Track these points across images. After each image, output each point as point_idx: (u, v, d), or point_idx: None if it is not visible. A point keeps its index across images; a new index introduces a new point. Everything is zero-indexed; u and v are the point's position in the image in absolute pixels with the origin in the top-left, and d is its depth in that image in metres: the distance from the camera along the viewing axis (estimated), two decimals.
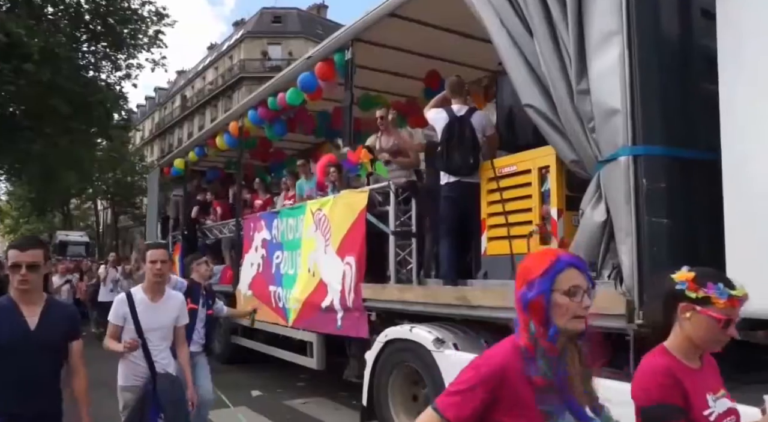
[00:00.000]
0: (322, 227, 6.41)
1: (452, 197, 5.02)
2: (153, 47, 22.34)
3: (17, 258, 2.73)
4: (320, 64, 6.58)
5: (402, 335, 5.03)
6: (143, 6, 21.59)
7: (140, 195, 41.50)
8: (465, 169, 4.93)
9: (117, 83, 22.41)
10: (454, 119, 5.07)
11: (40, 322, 2.79)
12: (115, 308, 3.91)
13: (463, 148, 4.96)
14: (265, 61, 42.56)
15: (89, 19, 21.05)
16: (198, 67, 51.06)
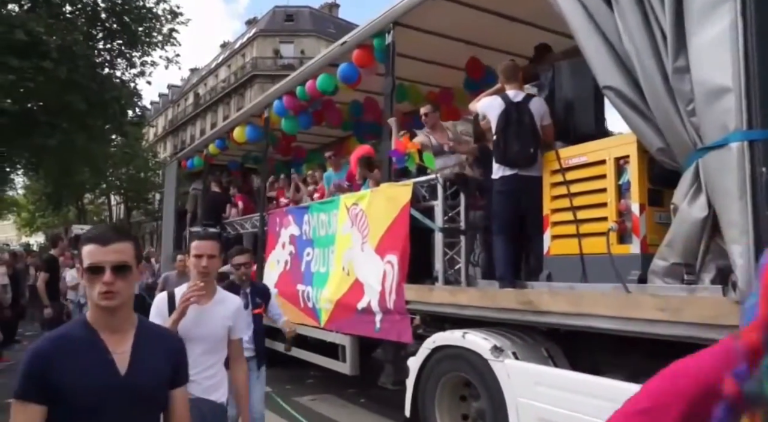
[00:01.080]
0: (358, 223, 5.89)
1: (508, 192, 4.50)
2: (167, 45, 22.58)
3: (97, 258, 1.78)
4: (358, 50, 6.06)
5: (453, 341, 4.51)
6: (158, 4, 21.71)
7: (153, 191, 41.33)
8: (524, 160, 4.40)
9: (131, 80, 22.56)
10: (510, 105, 4.54)
11: (133, 361, 1.82)
12: (155, 310, 3.14)
13: (521, 137, 4.43)
14: (278, 59, 42.17)
15: (105, 17, 21.20)
16: (211, 64, 50.66)
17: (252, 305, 4.47)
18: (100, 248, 1.78)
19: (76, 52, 17.81)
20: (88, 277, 1.78)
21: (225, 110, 44.03)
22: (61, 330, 1.86)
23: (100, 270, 1.76)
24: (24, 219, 48.72)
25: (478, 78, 6.49)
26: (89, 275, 1.77)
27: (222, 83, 46.33)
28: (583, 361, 4.18)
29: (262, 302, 4.60)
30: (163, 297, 3.21)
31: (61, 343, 1.77)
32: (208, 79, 49.51)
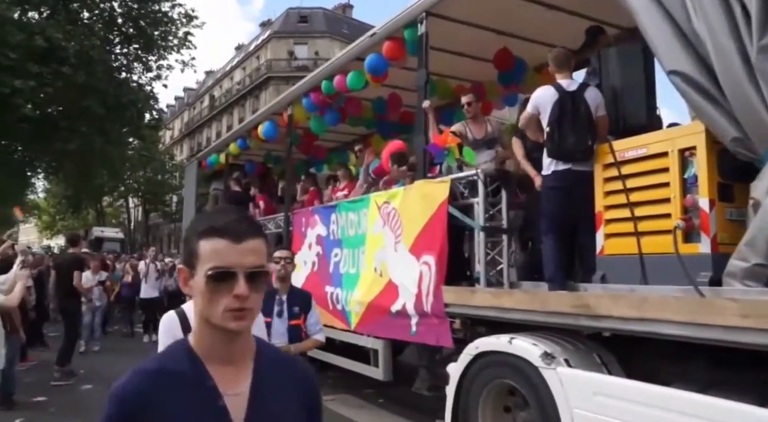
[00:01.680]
0: (391, 222, 5.59)
1: (561, 188, 4.18)
2: (182, 48, 22.96)
3: (229, 259, 1.25)
4: (388, 42, 5.75)
5: (498, 347, 4.18)
6: (173, 8, 21.92)
7: (170, 193, 41.37)
8: (580, 154, 4.08)
9: (148, 84, 23.02)
10: (565, 95, 4.22)
11: (252, 408, 1.30)
12: (166, 332, 2.50)
13: (577, 129, 4.11)
14: (292, 61, 42.02)
15: (122, 22, 21.55)
16: (226, 67, 50.63)
17: (288, 315, 3.92)
18: (233, 245, 1.23)
19: (93, 57, 18.09)
20: (210, 286, 1.23)
21: (240, 112, 43.95)
22: (156, 362, 1.33)
23: (230, 277, 1.23)
24: (45, 222, 49.03)
25: (507, 69, 6.15)
26: (213, 284, 1.23)
27: (237, 86, 46.26)
28: (637, 368, 3.86)
29: (302, 311, 4.02)
30: (172, 318, 2.54)
31: (157, 381, 1.28)
32: (224, 81, 49.47)
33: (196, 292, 1.28)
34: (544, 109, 4.28)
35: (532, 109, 4.38)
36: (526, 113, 4.46)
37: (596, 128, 4.19)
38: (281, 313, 3.88)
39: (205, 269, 1.24)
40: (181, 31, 22.63)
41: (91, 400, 7.41)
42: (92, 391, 8.00)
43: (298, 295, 4.09)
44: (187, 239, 1.31)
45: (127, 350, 11.24)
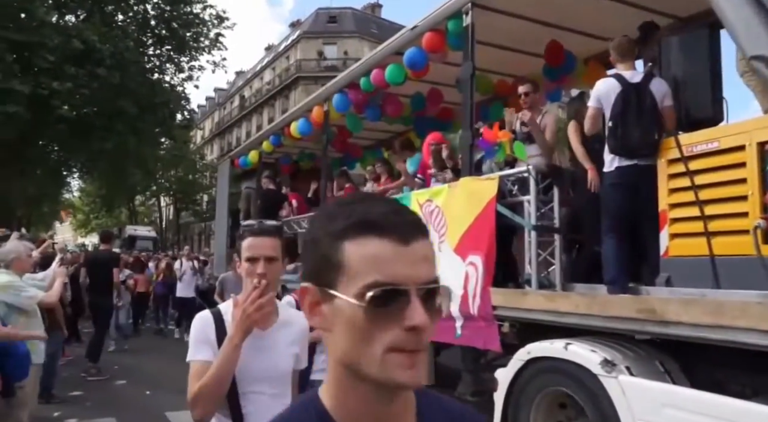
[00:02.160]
0: (433, 221, 5.36)
1: (625, 185, 3.92)
2: (213, 49, 23.14)
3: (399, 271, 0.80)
4: (429, 34, 5.52)
5: (552, 353, 3.94)
6: (204, 10, 22.12)
7: (200, 192, 41.71)
8: (645, 149, 3.81)
9: (180, 85, 23.23)
10: (629, 87, 3.96)
11: None
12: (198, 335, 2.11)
13: (642, 122, 3.85)
14: (321, 61, 42.01)
15: (155, 24, 21.84)
16: (256, 67, 50.88)
17: None
18: (400, 249, 0.81)
19: (127, 58, 18.34)
20: (368, 315, 0.78)
21: (270, 111, 44.11)
22: None
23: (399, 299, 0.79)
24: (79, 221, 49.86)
25: (558, 64, 5.88)
26: (372, 311, 0.78)
27: (267, 86, 46.43)
28: (702, 378, 3.59)
29: None
30: (206, 319, 2.14)
31: None
32: (254, 81, 49.70)
33: (334, 324, 0.83)
34: (607, 102, 4.01)
35: (596, 103, 4.11)
36: (591, 109, 4.17)
37: (662, 120, 3.92)
38: None
39: (359, 288, 0.79)
40: (212, 33, 22.96)
41: (126, 396, 7.51)
42: (126, 387, 8.04)
43: None
44: (315, 241, 0.85)
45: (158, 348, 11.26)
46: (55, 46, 16.51)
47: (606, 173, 4.03)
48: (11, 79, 15.52)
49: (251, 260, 2.17)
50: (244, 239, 2.22)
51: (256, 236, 2.22)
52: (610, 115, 4.04)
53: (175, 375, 9.04)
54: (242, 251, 2.21)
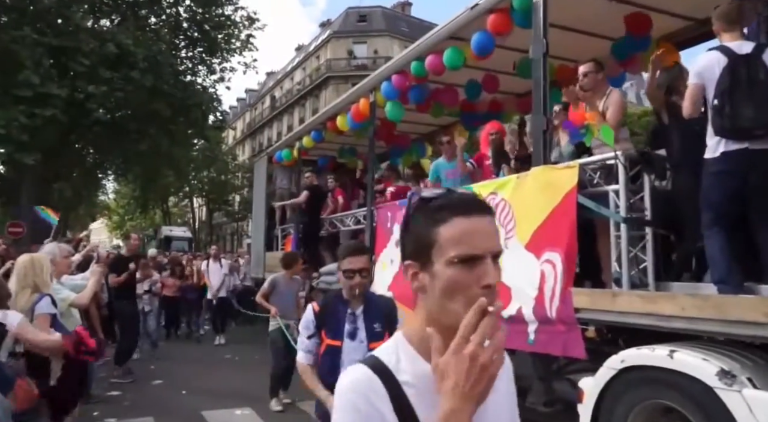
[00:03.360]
0: (500, 216, 4.89)
1: (734, 172, 3.39)
2: (244, 51, 23.06)
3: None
4: (494, 15, 5.07)
5: (653, 361, 3.44)
6: (236, 11, 22.07)
7: (233, 193, 41.83)
8: (760, 129, 3.29)
9: (212, 86, 23.38)
10: (737, 59, 3.41)
11: None
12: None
13: (755, 98, 3.29)
14: (351, 60, 41.76)
15: (187, 26, 21.92)
16: (287, 68, 50.86)
17: (367, 336, 2.80)
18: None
19: (160, 61, 18.37)
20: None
21: (300, 112, 44.03)
22: None
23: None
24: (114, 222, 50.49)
25: (641, 34, 5.31)
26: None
27: (297, 86, 46.35)
28: None
29: (386, 328, 2.84)
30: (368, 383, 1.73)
31: None
32: (284, 82, 49.69)
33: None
34: (710, 78, 3.48)
35: (697, 79, 3.54)
36: (691, 87, 3.60)
37: None
38: (355, 333, 2.80)
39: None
40: (243, 34, 22.92)
41: (163, 397, 7.41)
42: (163, 387, 7.83)
43: (377, 305, 2.90)
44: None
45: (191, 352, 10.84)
46: (90, 50, 16.67)
47: (709, 159, 3.51)
48: (49, 83, 15.55)
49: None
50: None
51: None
52: (714, 92, 3.51)
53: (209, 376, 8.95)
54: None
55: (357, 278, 2.81)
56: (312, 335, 2.84)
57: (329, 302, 2.92)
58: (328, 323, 2.83)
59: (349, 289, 2.83)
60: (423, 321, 1.11)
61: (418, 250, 1.11)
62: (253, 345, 10.46)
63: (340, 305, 2.88)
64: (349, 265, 2.82)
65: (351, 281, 2.81)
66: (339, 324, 2.82)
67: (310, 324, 2.86)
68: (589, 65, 4.58)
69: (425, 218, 1.10)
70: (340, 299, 2.90)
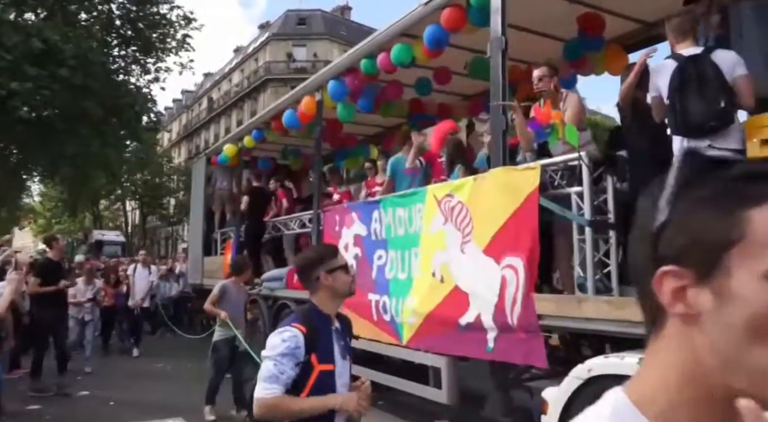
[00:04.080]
0: (456, 219, 4.67)
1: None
2: (181, 51, 22.39)
3: None
4: (448, 9, 4.85)
5: (623, 370, 3.25)
6: (171, 10, 21.37)
7: (168, 196, 40.39)
8: (714, 121, 3.21)
9: (146, 86, 22.50)
10: (685, 60, 3.40)
11: None
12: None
13: (706, 93, 3.25)
14: (290, 63, 41.15)
15: (120, 24, 21.10)
16: (224, 69, 49.65)
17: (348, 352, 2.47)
18: None
19: (91, 59, 17.57)
20: None
21: (238, 114, 43.05)
22: None
23: None
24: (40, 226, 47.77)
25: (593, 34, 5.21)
26: None
27: (235, 88, 45.31)
28: None
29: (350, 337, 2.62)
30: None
31: None
32: (222, 83, 48.50)
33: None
34: (663, 84, 3.44)
35: (654, 92, 3.57)
36: (651, 101, 3.62)
37: (734, 92, 3.30)
38: (345, 351, 2.41)
39: None
40: (180, 34, 22.14)
41: (88, 409, 6.86)
42: (89, 399, 7.27)
43: (343, 319, 2.55)
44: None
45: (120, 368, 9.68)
46: (13, 44, 15.53)
47: None
48: None
49: None
50: None
51: None
52: (667, 94, 3.45)
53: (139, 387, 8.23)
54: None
55: (352, 271, 2.50)
56: (300, 363, 2.20)
57: (311, 320, 2.33)
58: (319, 345, 2.28)
59: (351, 285, 2.45)
60: (678, 376, 0.63)
61: (693, 248, 0.62)
62: (186, 355, 9.81)
63: (319, 322, 2.35)
64: (343, 260, 2.47)
65: (350, 276, 2.45)
66: (329, 344, 2.34)
67: (299, 350, 2.20)
68: (544, 69, 4.44)
69: (717, 193, 0.62)
70: (318, 314, 2.38)
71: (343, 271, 2.42)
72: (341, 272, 2.41)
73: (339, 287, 2.40)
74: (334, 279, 2.37)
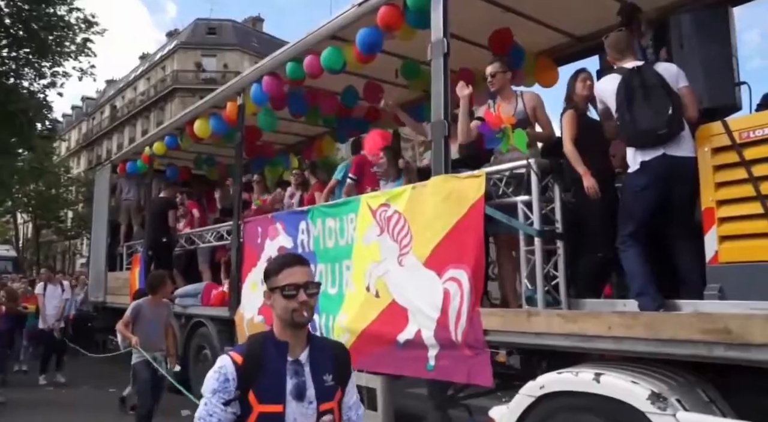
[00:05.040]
0: (393, 230, 4.36)
1: (654, 182, 3.20)
2: (81, 55, 20.58)
3: None
4: (384, 8, 4.56)
5: (578, 386, 3.05)
6: (71, 12, 19.67)
7: (65, 208, 37.57)
8: (664, 128, 3.13)
9: (41, 91, 20.55)
10: (629, 72, 3.36)
11: None
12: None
13: (653, 100, 3.21)
14: (200, 73, 39.73)
15: (10, 23, 19.00)
16: (129, 77, 47.15)
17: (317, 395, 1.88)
18: None
19: None
20: None
21: (144, 123, 41.00)
22: None
23: None
24: None
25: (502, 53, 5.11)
26: None
27: (141, 96, 43.15)
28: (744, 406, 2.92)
29: (338, 383, 1.95)
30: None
31: None
32: (126, 91, 46.05)
33: None
34: (610, 97, 3.39)
35: (601, 105, 3.57)
36: (600, 113, 3.66)
37: (680, 101, 3.25)
38: (302, 391, 1.86)
39: None
40: (80, 37, 20.49)
41: None
42: None
43: (323, 348, 2.00)
44: None
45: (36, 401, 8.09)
46: None
47: (630, 174, 3.31)
48: None
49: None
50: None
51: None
52: (615, 107, 3.38)
53: None
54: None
55: (302, 295, 1.85)
56: (231, 400, 1.78)
57: (255, 348, 1.88)
58: (259, 378, 1.81)
59: (293, 314, 1.84)
60: None
61: None
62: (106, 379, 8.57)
63: (273, 351, 1.87)
64: (288, 279, 1.87)
65: (295, 301, 1.85)
66: (277, 379, 1.84)
67: (229, 384, 1.79)
68: (496, 65, 4.23)
69: None
70: (272, 341, 1.89)
71: (289, 291, 1.86)
72: (286, 292, 1.86)
73: (277, 312, 1.90)
74: (273, 301, 1.91)
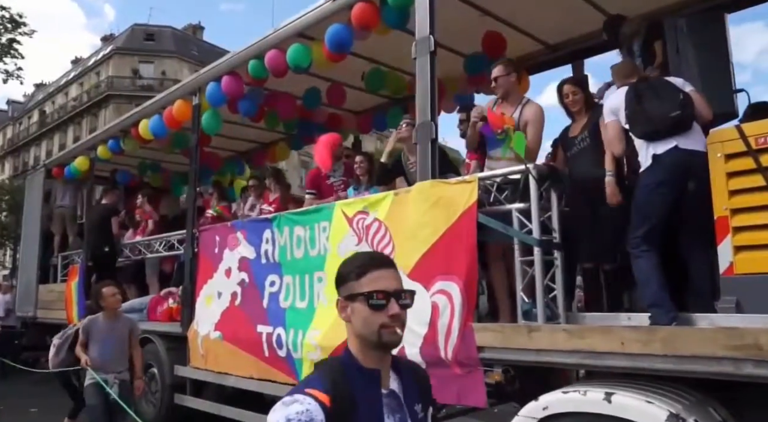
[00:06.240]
0: (372, 239, 3.99)
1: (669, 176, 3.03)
2: (6, 57, 19.14)
3: None
4: (360, 5, 4.21)
5: (585, 407, 2.77)
6: None
7: None
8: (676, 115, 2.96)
9: None
10: (637, 81, 3.28)
11: None
12: None
13: (661, 94, 3.07)
14: (136, 80, 38.10)
15: None
16: (60, 81, 44.63)
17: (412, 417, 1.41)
18: None
19: None
20: None
21: (76, 130, 38.86)
22: None
23: None
24: None
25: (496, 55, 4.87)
26: None
27: (72, 102, 40.89)
28: None
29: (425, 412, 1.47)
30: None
31: None
32: (57, 96, 43.54)
33: None
34: (617, 105, 3.28)
35: (611, 116, 3.34)
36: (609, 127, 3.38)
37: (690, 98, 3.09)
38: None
39: None
40: (5, 38, 19.12)
41: None
42: None
43: (409, 374, 1.51)
44: None
45: None
46: None
47: (643, 171, 3.10)
48: None
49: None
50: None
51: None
52: (626, 111, 3.20)
53: None
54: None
55: (394, 307, 1.36)
56: None
57: (340, 381, 1.32)
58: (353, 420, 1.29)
59: (381, 331, 1.35)
60: None
61: None
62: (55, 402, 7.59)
63: (361, 382, 1.35)
64: (374, 284, 1.36)
65: (383, 314, 1.35)
66: (375, 419, 1.34)
67: None
68: (501, 68, 3.92)
69: None
70: (357, 369, 1.37)
71: (369, 303, 1.35)
72: (362, 304, 1.36)
73: (358, 329, 1.38)
74: (353, 313, 1.39)
